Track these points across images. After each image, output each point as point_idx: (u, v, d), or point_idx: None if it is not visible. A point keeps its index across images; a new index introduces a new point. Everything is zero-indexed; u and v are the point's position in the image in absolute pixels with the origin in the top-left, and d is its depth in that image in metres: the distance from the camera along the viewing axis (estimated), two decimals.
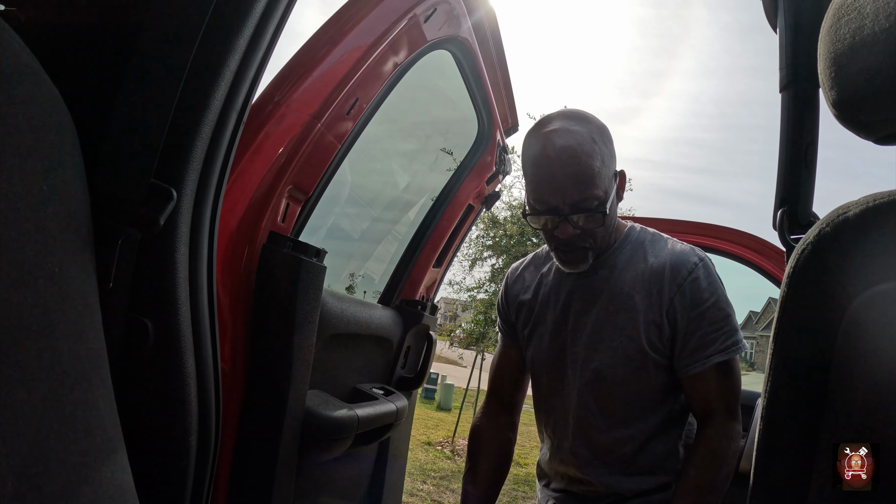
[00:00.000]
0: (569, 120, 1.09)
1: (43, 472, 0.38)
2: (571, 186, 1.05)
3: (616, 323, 1.16)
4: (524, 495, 5.28)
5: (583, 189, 1.05)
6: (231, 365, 1.00)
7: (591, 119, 1.11)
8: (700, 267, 1.13)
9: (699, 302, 1.11)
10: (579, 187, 1.05)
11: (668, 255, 1.16)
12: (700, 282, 1.12)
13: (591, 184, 1.06)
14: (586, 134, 1.07)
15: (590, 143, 1.06)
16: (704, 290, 1.11)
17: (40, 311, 0.39)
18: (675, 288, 1.12)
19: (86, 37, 0.59)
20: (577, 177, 1.05)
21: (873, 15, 0.51)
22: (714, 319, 1.11)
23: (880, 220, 0.52)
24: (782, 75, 0.96)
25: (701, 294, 1.11)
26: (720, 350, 1.11)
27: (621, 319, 1.15)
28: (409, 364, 1.87)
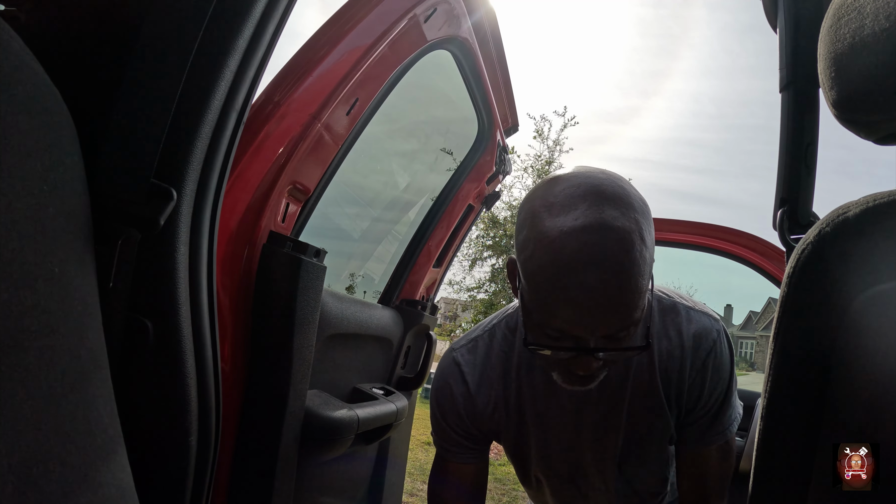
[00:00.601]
0: (603, 204, 0.71)
1: (43, 472, 0.38)
2: (613, 317, 0.72)
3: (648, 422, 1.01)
4: (524, 495, 5.28)
5: (625, 318, 0.72)
6: (231, 365, 1.00)
7: (632, 197, 0.74)
8: (719, 342, 0.96)
9: (717, 382, 0.97)
10: (621, 318, 0.72)
11: (686, 330, 0.95)
12: (720, 359, 0.96)
13: (635, 308, 0.72)
14: (633, 232, 0.71)
15: (639, 248, 0.70)
16: (723, 369, 0.96)
17: (40, 311, 0.39)
18: (699, 365, 0.95)
19: (86, 37, 0.59)
20: (620, 306, 0.71)
21: (873, 15, 0.51)
22: (727, 399, 0.99)
23: (880, 221, 0.52)
24: (782, 75, 0.96)
25: (720, 373, 0.96)
26: (725, 429, 1.01)
27: (652, 417, 1.00)
28: (409, 364, 1.87)
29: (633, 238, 0.70)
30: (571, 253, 0.69)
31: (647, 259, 0.72)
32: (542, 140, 7.99)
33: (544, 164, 7.91)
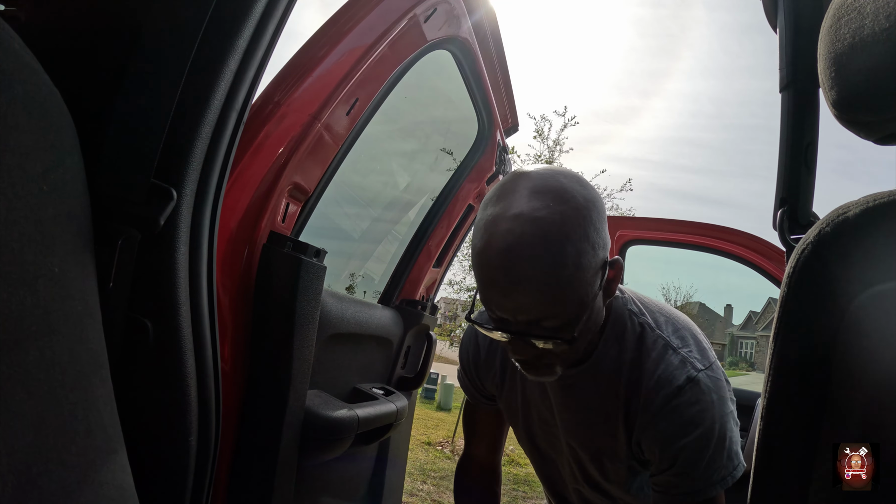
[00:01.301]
0: (535, 197, 0.75)
1: (43, 472, 0.38)
2: (525, 300, 0.75)
3: (599, 444, 1.00)
4: (524, 495, 5.28)
5: (539, 304, 0.75)
6: (231, 365, 1.00)
7: (570, 194, 0.76)
8: (688, 391, 0.88)
9: (678, 435, 0.87)
10: (534, 303, 0.75)
11: (651, 369, 0.91)
12: (685, 410, 0.87)
13: (553, 301, 0.74)
14: (553, 224, 0.73)
15: (557, 239, 0.73)
16: (690, 423, 0.87)
17: (40, 312, 0.39)
18: (656, 410, 0.89)
19: (86, 37, 0.59)
20: (533, 291, 0.73)
21: (873, 15, 0.51)
22: (698, 457, 0.87)
23: (880, 221, 0.52)
24: (782, 75, 0.96)
25: (685, 427, 0.87)
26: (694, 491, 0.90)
27: (604, 442, 0.99)
28: (409, 364, 1.87)
29: (552, 229, 0.72)
30: (495, 238, 0.74)
31: (569, 252, 0.73)
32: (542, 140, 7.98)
33: (544, 163, 7.91)
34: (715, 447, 0.87)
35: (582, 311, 0.78)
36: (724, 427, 0.88)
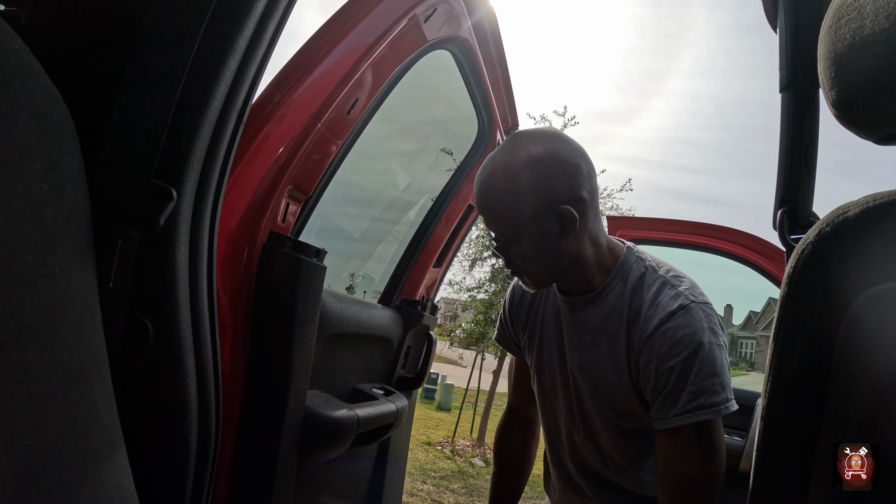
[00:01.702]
0: (512, 143, 1.00)
1: (43, 472, 0.38)
2: (484, 220, 1.05)
3: (600, 367, 1.08)
4: (524, 495, 5.28)
5: (488, 221, 1.03)
6: (231, 365, 1.00)
7: (533, 144, 0.98)
8: (681, 316, 0.98)
9: (672, 354, 0.97)
10: (487, 222, 1.04)
11: (650, 297, 1.03)
12: (678, 333, 0.97)
13: (493, 217, 1.01)
14: (510, 164, 0.97)
15: (506, 175, 0.97)
16: (681, 343, 0.96)
17: (40, 311, 0.39)
18: (651, 331, 0.99)
19: (86, 36, 0.59)
20: (483, 208, 1.03)
21: (873, 15, 0.51)
22: (685, 376, 0.96)
23: (880, 221, 0.52)
24: (782, 75, 0.96)
25: (677, 347, 0.97)
26: (686, 412, 0.96)
27: (605, 366, 1.07)
28: (409, 364, 1.87)
29: (508, 168, 0.98)
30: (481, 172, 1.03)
31: (510, 188, 0.97)
32: None
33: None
34: (703, 369, 0.96)
35: (515, 233, 1.00)
36: (713, 353, 0.97)
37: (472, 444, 7.30)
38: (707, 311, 1.00)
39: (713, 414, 0.96)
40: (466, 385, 8.76)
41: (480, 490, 5.25)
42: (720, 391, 0.96)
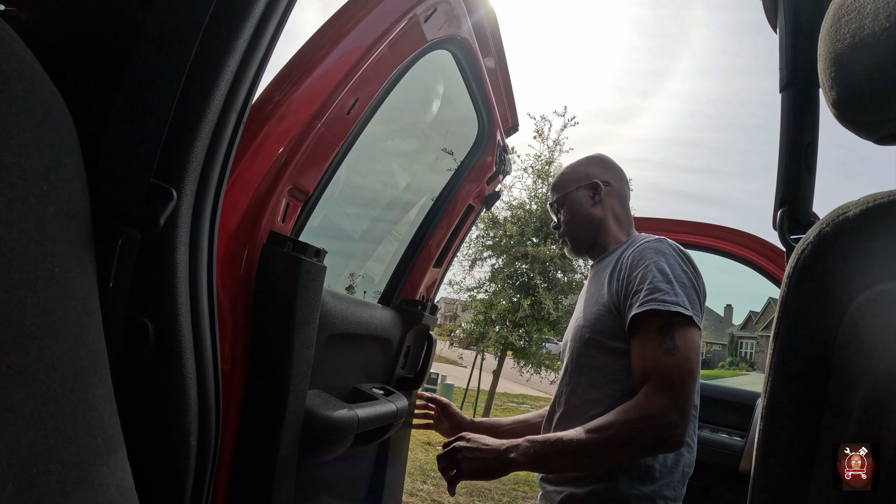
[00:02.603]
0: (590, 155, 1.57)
1: (43, 473, 0.38)
2: (551, 191, 1.55)
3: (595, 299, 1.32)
4: (524, 495, 5.28)
5: (552, 192, 1.54)
6: (231, 365, 1.00)
7: (591, 155, 1.55)
8: (652, 242, 1.26)
9: (640, 262, 1.22)
10: (552, 190, 1.55)
11: (637, 242, 1.30)
12: (646, 250, 1.24)
13: (555, 187, 1.52)
14: (573, 161, 1.55)
15: (570, 164, 1.54)
16: (646, 256, 1.22)
17: (40, 312, 0.39)
18: (630, 255, 1.26)
19: (86, 36, 0.59)
20: (553, 186, 1.54)
21: (873, 15, 0.51)
22: (648, 276, 1.18)
23: (880, 220, 0.52)
24: (782, 75, 0.96)
25: (644, 258, 1.22)
26: (650, 299, 1.14)
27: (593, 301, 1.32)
28: (409, 364, 1.87)
29: (574, 162, 1.55)
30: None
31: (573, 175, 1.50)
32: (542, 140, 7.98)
33: (544, 164, 7.89)
34: (659, 276, 1.17)
35: (563, 196, 1.49)
36: (672, 267, 1.19)
37: None
38: (679, 248, 1.25)
39: (662, 305, 1.13)
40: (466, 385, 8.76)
41: (480, 490, 5.25)
42: (673, 295, 1.14)
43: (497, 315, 7.83)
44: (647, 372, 1.12)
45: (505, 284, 7.71)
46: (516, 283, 7.68)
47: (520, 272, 7.63)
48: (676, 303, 1.13)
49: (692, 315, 1.13)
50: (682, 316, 1.12)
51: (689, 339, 1.12)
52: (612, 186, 1.47)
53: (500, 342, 7.59)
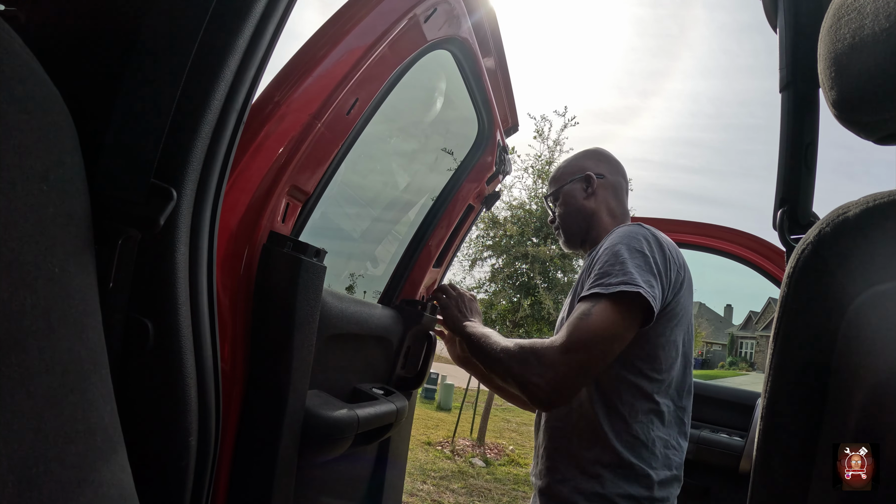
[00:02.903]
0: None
1: (43, 472, 0.38)
2: (549, 183, 1.60)
3: (574, 293, 1.34)
4: (524, 495, 5.28)
5: (549, 186, 1.59)
6: (231, 365, 1.00)
7: (588, 149, 1.59)
8: (623, 227, 1.28)
9: (605, 248, 1.23)
10: (549, 184, 1.59)
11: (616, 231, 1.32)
12: (613, 237, 1.25)
13: (552, 180, 1.58)
14: (572, 155, 1.58)
15: (566, 158, 1.58)
16: (612, 241, 1.23)
17: (40, 312, 0.39)
18: (599, 250, 1.26)
19: (86, 36, 0.59)
20: (550, 179, 1.60)
21: (873, 15, 0.51)
22: (602, 262, 1.19)
23: (880, 221, 0.52)
24: (782, 75, 0.96)
25: (609, 243, 1.24)
26: (593, 286, 1.15)
27: (577, 288, 1.31)
28: (409, 364, 1.87)
29: (570, 156, 1.59)
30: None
31: (568, 168, 1.54)
32: (543, 140, 7.98)
33: (544, 164, 7.89)
34: (611, 259, 1.18)
35: (559, 189, 1.53)
36: (627, 249, 1.19)
37: (472, 445, 7.30)
38: (651, 231, 1.27)
39: (602, 288, 1.13)
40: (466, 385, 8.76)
41: (480, 490, 5.25)
42: (618, 275, 1.14)
43: (497, 315, 7.82)
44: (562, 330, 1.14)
45: (505, 284, 7.70)
46: (516, 283, 7.68)
47: (520, 272, 7.63)
48: (620, 283, 1.11)
49: (639, 290, 1.10)
50: (623, 294, 1.11)
51: (609, 311, 1.11)
52: (607, 179, 1.48)
53: None
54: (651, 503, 1.17)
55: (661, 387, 1.22)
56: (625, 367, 1.21)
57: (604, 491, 1.18)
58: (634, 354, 1.20)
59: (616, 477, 1.18)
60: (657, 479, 1.18)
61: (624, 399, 1.21)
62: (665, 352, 1.22)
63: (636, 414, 1.20)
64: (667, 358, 1.22)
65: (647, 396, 1.21)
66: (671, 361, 1.24)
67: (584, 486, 1.20)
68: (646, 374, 1.21)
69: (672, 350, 1.24)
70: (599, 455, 1.20)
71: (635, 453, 1.19)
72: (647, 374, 1.21)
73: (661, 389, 1.22)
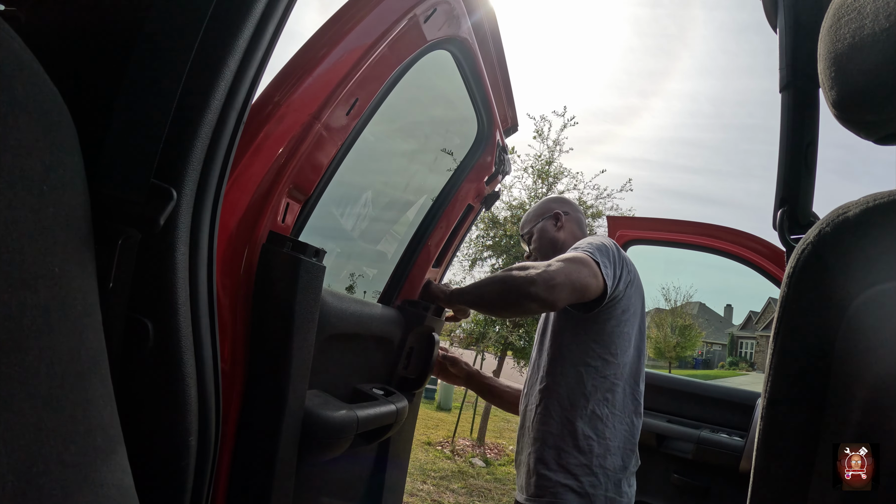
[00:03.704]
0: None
1: (43, 472, 0.38)
2: (521, 228, 1.93)
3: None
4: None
5: (522, 228, 1.92)
6: (231, 364, 1.00)
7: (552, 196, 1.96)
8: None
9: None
10: (521, 227, 1.92)
11: None
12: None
13: (524, 223, 1.90)
14: (537, 203, 1.92)
15: (533, 206, 1.92)
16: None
17: (40, 312, 0.39)
18: None
19: (86, 36, 0.59)
20: (521, 224, 1.93)
21: (873, 15, 0.51)
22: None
23: (880, 220, 0.52)
24: (782, 75, 0.96)
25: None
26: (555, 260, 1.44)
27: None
28: (411, 365, 1.87)
29: (536, 203, 1.90)
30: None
31: (538, 210, 1.87)
32: (542, 140, 7.98)
33: (544, 164, 7.89)
34: (595, 247, 1.48)
35: (532, 229, 1.84)
36: (590, 244, 1.50)
37: (472, 445, 7.30)
38: (605, 237, 1.56)
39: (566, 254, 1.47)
40: None
41: (480, 490, 5.25)
42: (580, 250, 1.46)
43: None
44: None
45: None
46: None
47: None
48: (584, 251, 1.45)
49: (596, 259, 1.42)
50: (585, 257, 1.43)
51: (578, 256, 1.43)
52: (570, 215, 1.83)
53: (499, 342, 7.58)
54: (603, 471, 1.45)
55: (616, 370, 1.50)
56: (585, 352, 1.51)
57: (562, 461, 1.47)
58: (592, 339, 1.51)
59: (575, 449, 1.46)
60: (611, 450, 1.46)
61: (586, 381, 1.49)
62: (620, 340, 1.51)
63: (595, 392, 1.48)
64: (621, 344, 1.51)
65: (604, 377, 1.49)
66: (625, 348, 1.52)
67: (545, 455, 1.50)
68: (603, 357, 1.50)
69: (625, 340, 1.52)
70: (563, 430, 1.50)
71: (593, 427, 1.46)
72: (603, 357, 1.50)
73: (617, 373, 1.50)
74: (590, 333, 1.51)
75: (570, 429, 1.47)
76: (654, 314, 31.13)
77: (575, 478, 1.44)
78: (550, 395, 1.54)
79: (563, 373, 1.53)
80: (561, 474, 1.45)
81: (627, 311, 1.53)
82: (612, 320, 1.51)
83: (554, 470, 1.46)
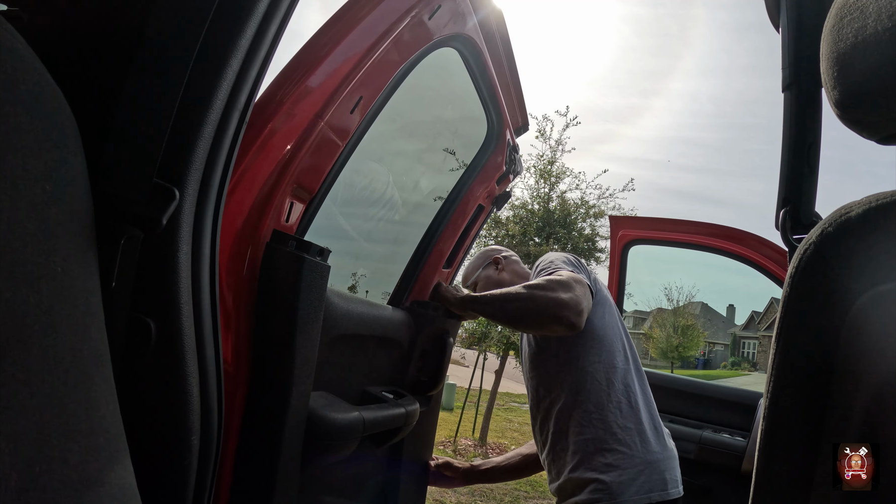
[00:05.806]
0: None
1: (46, 472, 0.38)
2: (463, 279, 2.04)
3: None
4: (525, 495, 5.28)
5: (464, 281, 2.01)
6: (234, 364, 1.00)
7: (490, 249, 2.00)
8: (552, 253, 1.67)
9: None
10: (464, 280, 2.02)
11: None
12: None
13: (466, 277, 1.99)
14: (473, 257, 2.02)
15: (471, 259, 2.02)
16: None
17: (43, 311, 0.39)
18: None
19: (88, 36, 0.59)
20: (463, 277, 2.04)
21: (876, 14, 0.51)
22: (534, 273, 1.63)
23: (883, 220, 0.52)
24: (785, 75, 0.96)
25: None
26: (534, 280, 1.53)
27: None
28: (424, 367, 1.86)
29: (474, 257, 2.01)
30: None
31: (476, 262, 1.96)
32: (545, 140, 7.97)
33: (546, 163, 7.89)
34: (561, 262, 1.58)
35: (477, 278, 1.91)
36: (554, 261, 1.60)
37: (474, 444, 7.29)
38: (560, 254, 1.64)
39: (544, 274, 1.53)
40: (468, 385, 8.76)
41: (482, 490, 5.25)
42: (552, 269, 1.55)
43: None
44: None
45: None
46: None
47: None
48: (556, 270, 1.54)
49: (573, 272, 1.51)
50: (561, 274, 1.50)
51: (574, 279, 1.47)
52: (509, 258, 1.93)
53: (502, 342, 7.58)
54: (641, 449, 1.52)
55: (613, 359, 1.57)
56: (585, 353, 1.56)
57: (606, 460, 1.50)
58: (583, 340, 1.57)
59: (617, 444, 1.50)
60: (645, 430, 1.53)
61: (588, 387, 1.54)
62: (607, 338, 1.59)
63: (610, 385, 1.54)
64: (610, 343, 1.58)
65: (608, 369, 1.55)
66: (611, 339, 1.60)
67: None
68: (597, 352, 1.57)
69: (610, 333, 1.60)
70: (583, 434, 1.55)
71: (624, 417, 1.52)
72: (598, 351, 1.57)
73: (614, 361, 1.57)
74: (580, 336, 1.56)
75: (606, 427, 1.51)
76: (657, 314, 31.04)
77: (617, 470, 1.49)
78: (574, 406, 1.56)
79: (572, 381, 1.57)
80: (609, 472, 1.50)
81: (602, 304, 1.64)
82: (596, 323, 1.59)
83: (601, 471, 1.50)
